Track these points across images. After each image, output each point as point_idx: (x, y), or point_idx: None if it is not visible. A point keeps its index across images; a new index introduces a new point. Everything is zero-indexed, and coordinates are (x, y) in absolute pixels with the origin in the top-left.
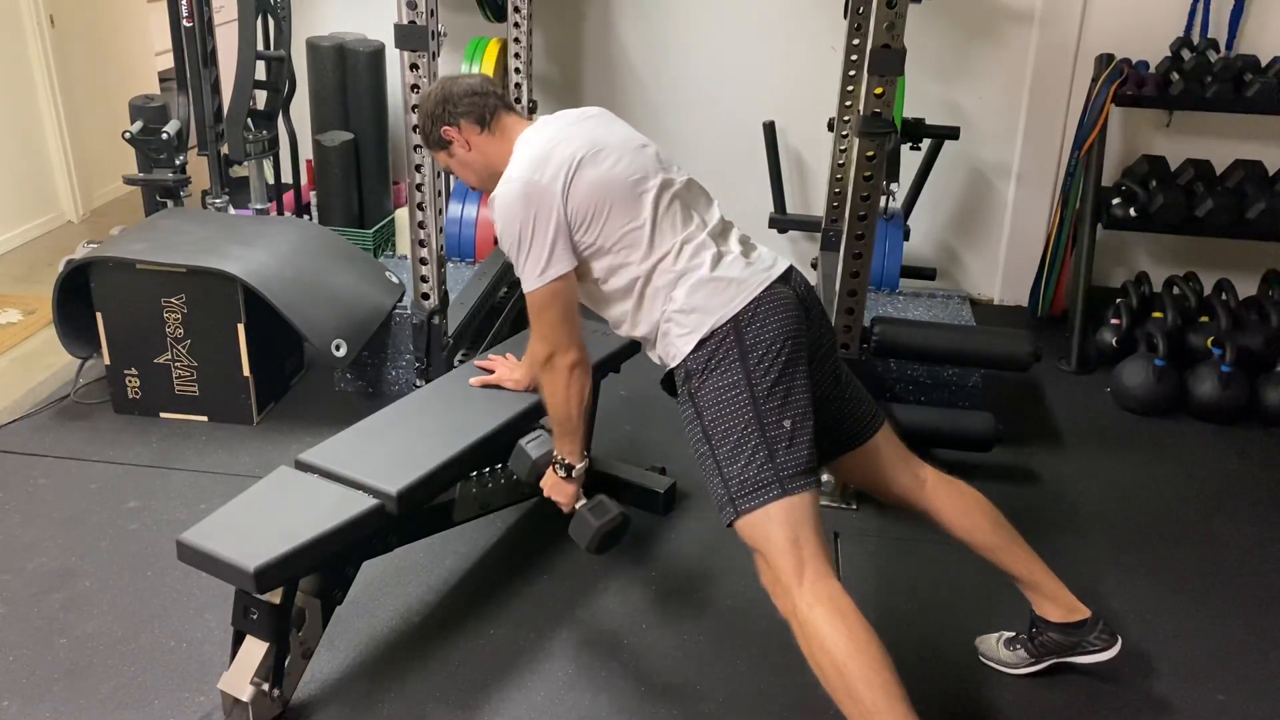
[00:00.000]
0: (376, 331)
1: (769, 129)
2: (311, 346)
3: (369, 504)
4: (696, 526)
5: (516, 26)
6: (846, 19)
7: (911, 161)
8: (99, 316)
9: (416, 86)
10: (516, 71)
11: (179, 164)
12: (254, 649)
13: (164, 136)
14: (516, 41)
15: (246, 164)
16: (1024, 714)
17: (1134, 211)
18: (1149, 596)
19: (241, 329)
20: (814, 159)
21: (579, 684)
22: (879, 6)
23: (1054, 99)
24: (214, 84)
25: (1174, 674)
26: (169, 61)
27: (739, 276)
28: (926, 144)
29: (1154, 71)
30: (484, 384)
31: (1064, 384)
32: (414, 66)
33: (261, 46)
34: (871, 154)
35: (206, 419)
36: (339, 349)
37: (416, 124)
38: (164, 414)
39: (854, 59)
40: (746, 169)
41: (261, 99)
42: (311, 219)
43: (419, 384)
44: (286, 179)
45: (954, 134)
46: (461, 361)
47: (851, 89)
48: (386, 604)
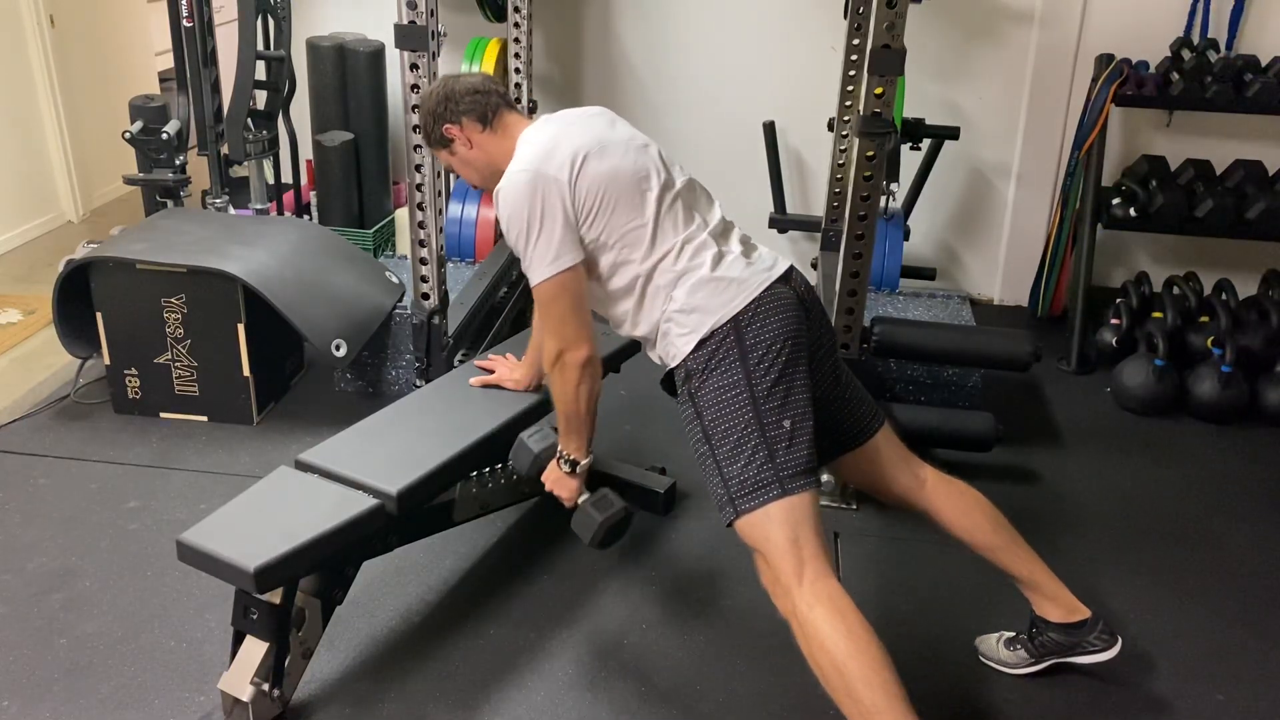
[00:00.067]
0: (376, 331)
1: (769, 129)
2: (311, 346)
3: (369, 504)
4: (696, 526)
5: (516, 26)
6: (846, 19)
7: (911, 161)
8: (99, 316)
9: (416, 86)
10: (516, 71)
11: (179, 164)
12: (254, 649)
13: (164, 136)
14: (516, 41)
15: (246, 164)
16: (1024, 714)
17: (1134, 211)
18: (1149, 596)
19: (241, 329)
20: (814, 159)
21: (579, 684)
22: (879, 6)
23: (1054, 99)
24: (214, 84)
25: (1174, 674)
26: (169, 61)
27: (739, 276)
28: (926, 144)
29: (1154, 71)
30: (484, 384)
31: (1064, 384)
32: (414, 66)
33: (261, 46)
34: (871, 154)
35: (206, 419)
36: (339, 349)
37: (417, 123)
38: (164, 414)
39: (854, 59)
40: (746, 169)
41: (261, 99)
42: (311, 219)
43: (419, 384)
44: (286, 179)
45: (954, 134)
46: (461, 361)
47: (851, 89)
48: (386, 604)
